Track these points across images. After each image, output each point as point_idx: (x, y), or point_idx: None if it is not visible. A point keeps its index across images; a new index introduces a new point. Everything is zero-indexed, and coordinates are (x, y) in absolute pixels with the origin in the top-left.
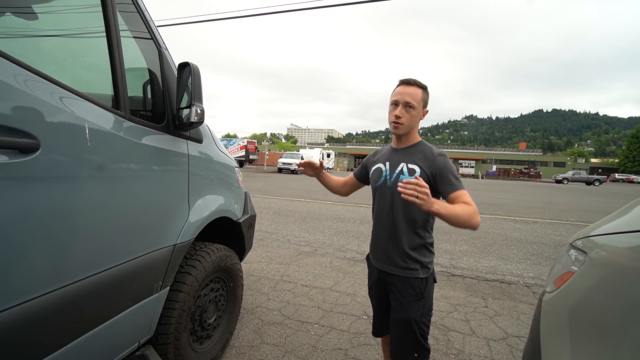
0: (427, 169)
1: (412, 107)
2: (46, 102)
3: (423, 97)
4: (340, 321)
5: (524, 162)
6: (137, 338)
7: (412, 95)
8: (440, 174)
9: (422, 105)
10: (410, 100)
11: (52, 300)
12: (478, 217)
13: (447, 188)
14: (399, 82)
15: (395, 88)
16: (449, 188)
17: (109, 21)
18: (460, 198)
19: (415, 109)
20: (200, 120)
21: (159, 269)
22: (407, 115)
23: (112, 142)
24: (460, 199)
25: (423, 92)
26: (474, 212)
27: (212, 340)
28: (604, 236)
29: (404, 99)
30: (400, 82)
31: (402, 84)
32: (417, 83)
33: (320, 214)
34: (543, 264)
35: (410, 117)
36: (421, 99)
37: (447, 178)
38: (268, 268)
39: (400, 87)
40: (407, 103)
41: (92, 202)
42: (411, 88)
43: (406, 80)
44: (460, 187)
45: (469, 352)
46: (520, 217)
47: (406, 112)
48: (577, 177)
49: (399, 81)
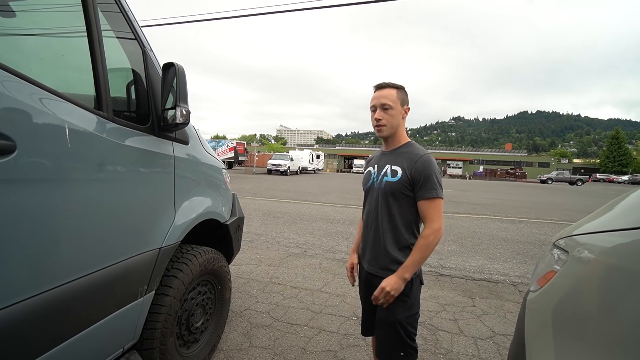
0: (408, 171)
1: (390, 107)
2: (23, 102)
3: (399, 95)
4: (329, 323)
5: (510, 162)
6: (122, 344)
7: (386, 96)
8: (418, 177)
9: (399, 103)
10: (385, 101)
11: (29, 307)
12: (437, 236)
13: (420, 193)
14: (373, 88)
15: (372, 95)
16: (422, 193)
17: (89, 20)
18: (425, 214)
19: (393, 108)
20: (186, 121)
21: (144, 272)
22: (387, 115)
23: (94, 143)
24: (425, 215)
25: (397, 91)
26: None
27: (199, 344)
28: (585, 235)
29: (379, 101)
30: (375, 87)
31: (377, 89)
32: (389, 85)
33: (309, 215)
34: (529, 262)
35: (389, 117)
36: (397, 98)
37: (422, 183)
38: (257, 270)
39: (375, 93)
40: (383, 105)
41: (73, 205)
42: (385, 90)
43: (379, 84)
44: (432, 196)
45: (457, 351)
46: (506, 216)
47: (385, 113)
48: (561, 177)
49: (374, 87)
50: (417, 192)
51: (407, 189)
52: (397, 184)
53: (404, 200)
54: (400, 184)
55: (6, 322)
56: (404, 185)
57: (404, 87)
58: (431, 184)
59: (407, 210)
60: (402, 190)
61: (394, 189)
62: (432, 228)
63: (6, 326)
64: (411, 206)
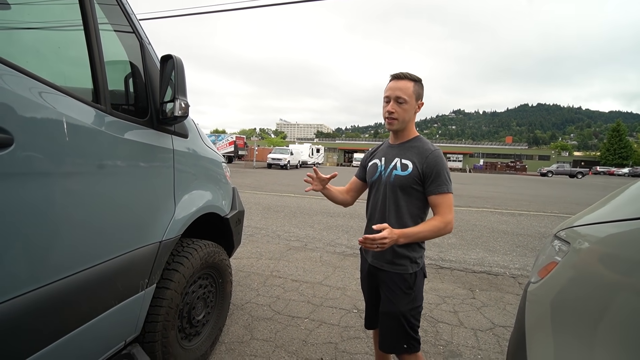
0: (419, 165)
1: (404, 102)
2: (20, 95)
3: (415, 89)
4: (330, 315)
5: (510, 155)
6: (124, 337)
7: (402, 89)
8: (430, 173)
9: (414, 98)
10: (401, 94)
11: (31, 300)
12: (447, 227)
13: (431, 188)
14: (390, 77)
15: (387, 83)
16: (433, 189)
17: (86, 12)
18: (437, 206)
19: (408, 102)
20: (185, 114)
21: (144, 266)
22: (400, 109)
23: (92, 137)
24: (438, 207)
25: (415, 84)
26: (441, 227)
27: (201, 337)
28: (586, 226)
29: (394, 94)
30: (391, 77)
31: (393, 78)
32: (407, 76)
33: (310, 208)
34: (528, 255)
35: (402, 111)
36: (413, 92)
37: (434, 178)
38: (258, 264)
39: (391, 83)
40: (398, 98)
41: (72, 199)
42: (402, 82)
43: (397, 74)
44: (443, 191)
45: (457, 342)
46: (506, 209)
47: (398, 107)
48: (561, 170)
49: (390, 76)
50: (427, 187)
51: (416, 184)
52: (407, 178)
53: (413, 195)
54: (410, 178)
55: (7, 315)
56: (414, 180)
57: (421, 79)
58: (442, 180)
59: (415, 205)
60: (412, 185)
61: (404, 183)
62: (445, 219)
63: (8, 319)
64: (419, 200)
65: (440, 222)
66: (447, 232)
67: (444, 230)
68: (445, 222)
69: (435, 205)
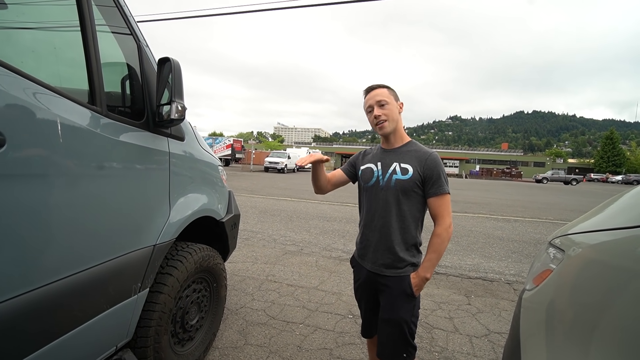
0: (419, 169)
1: (386, 102)
2: (13, 96)
3: (390, 92)
4: (325, 321)
5: (506, 162)
6: (115, 342)
7: (379, 94)
8: (430, 175)
9: (393, 98)
10: (380, 98)
11: (19, 304)
12: (449, 231)
13: (431, 190)
14: (363, 92)
15: (364, 99)
16: (433, 190)
17: (83, 13)
18: (437, 208)
19: (389, 102)
20: (181, 117)
21: (137, 270)
22: (385, 111)
23: (87, 138)
24: (438, 209)
25: (387, 89)
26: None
27: (194, 342)
28: (580, 234)
29: (375, 99)
30: (365, 91)
31: (367, 92)
32: (379, 85)
33: (306, 213)
34: (524, 261)
35: (388, 111)
36: (389, 94)
37: (434, 180)
38: (253, 268)
39: (367, 95)
40: (379, 102)
41: (65, 201)
42: (376, 90)
43: (368, 87)
44: (442, 192)
45: (452, 349)
46: (502, 215)
47: (383, 109)
48: (556, 177)
49: (364, 92)
50: (428, 189)
51: (417, 187)
52: (409, 182)
53: (414, 198)
54: (412, 182)
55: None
56: (415, 183)
57: (389, 86)
58: (441, 181)
59: (416, 208)
60: (413, 188)
61: (406, 187)
62: (444, 225)
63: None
64: (420, 203)
65: (441, 233)
66: (450, 236)
67: (447, 237)
68: (445, 228)
69: (434, 209)
